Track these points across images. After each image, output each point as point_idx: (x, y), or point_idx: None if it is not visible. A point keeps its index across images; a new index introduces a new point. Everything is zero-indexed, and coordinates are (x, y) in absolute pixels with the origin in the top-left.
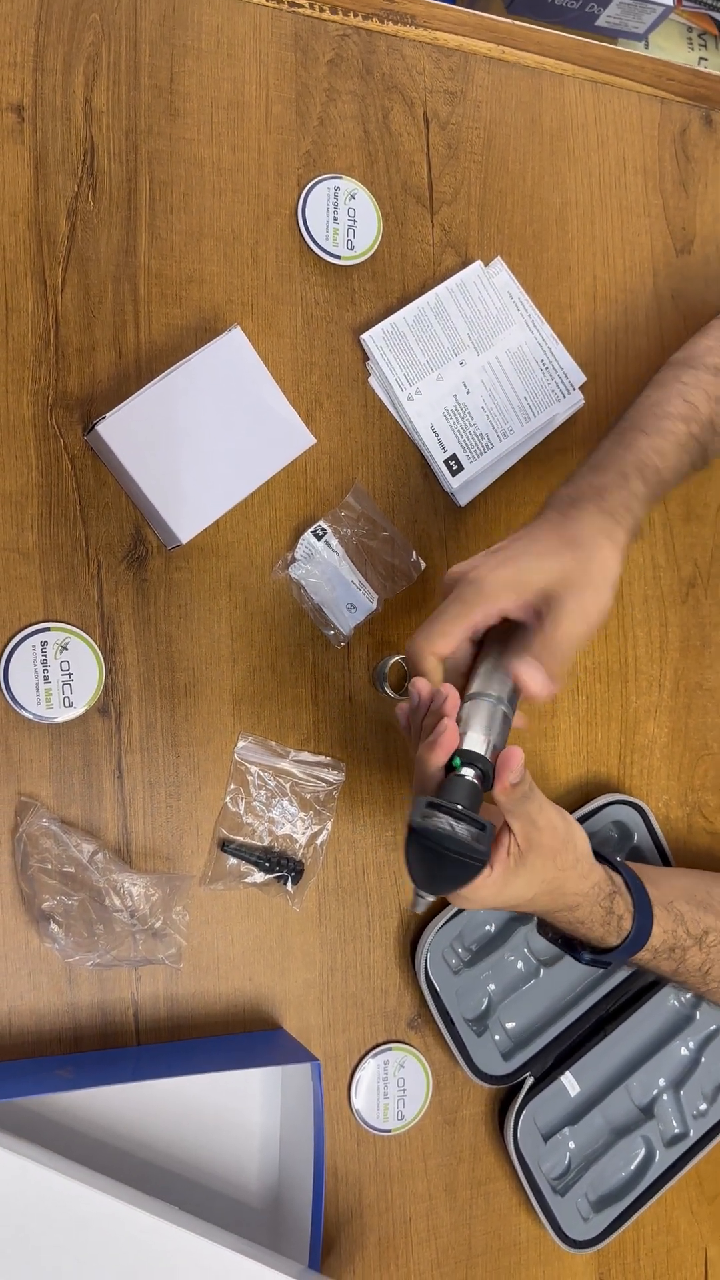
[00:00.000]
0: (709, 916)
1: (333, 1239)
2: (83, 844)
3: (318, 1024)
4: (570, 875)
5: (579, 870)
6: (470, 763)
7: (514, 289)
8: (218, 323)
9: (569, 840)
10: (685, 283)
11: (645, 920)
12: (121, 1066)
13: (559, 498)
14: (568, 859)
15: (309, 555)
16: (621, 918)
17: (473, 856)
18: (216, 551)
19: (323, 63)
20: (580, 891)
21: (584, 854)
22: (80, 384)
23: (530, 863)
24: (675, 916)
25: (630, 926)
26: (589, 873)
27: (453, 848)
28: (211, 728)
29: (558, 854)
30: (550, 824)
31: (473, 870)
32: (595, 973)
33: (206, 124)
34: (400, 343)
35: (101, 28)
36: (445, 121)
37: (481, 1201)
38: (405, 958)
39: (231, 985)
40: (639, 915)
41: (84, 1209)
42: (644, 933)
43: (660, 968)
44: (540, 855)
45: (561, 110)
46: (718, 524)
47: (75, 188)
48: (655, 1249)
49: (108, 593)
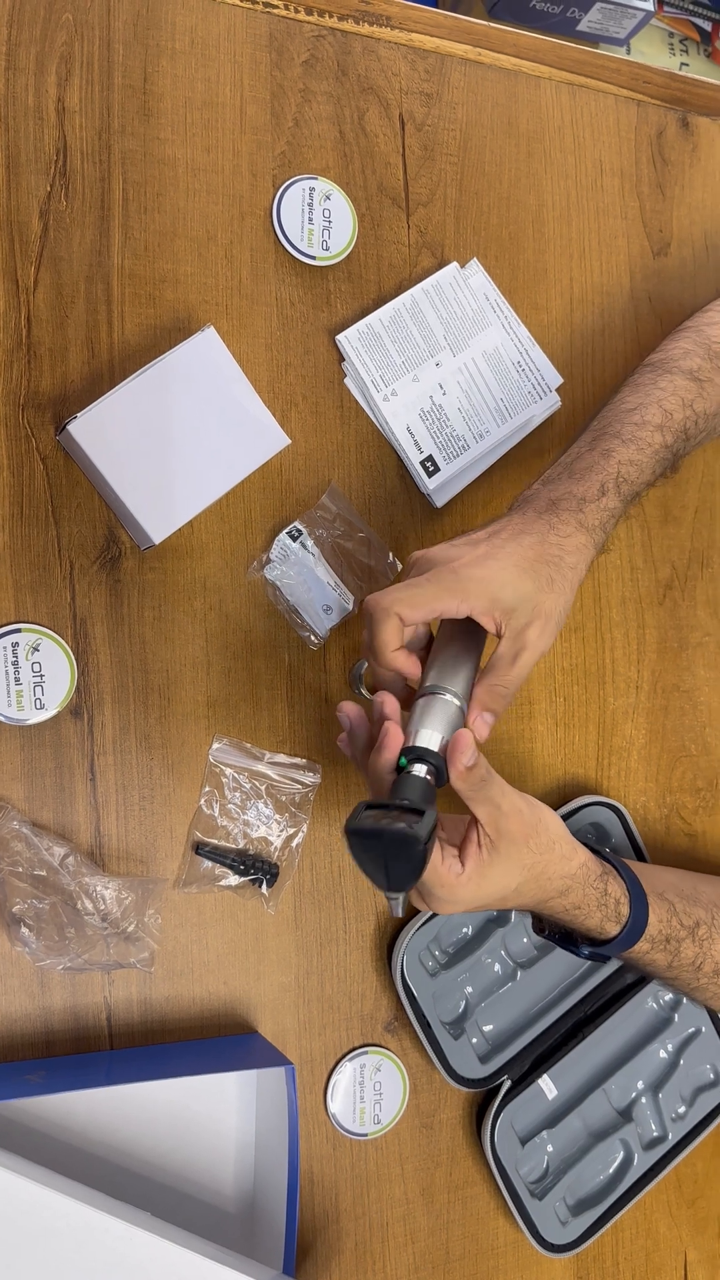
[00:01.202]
0: (698, 909)
1: (309, 1244)
2: (54, 847)
3: (293, 1028)
4: (550, 858)
5: (558, 851)
6: (419, 759)
7: (490, 291)
8: (192, 323)
9: (538, 823)
10: (662, 285)
11: (642, 905)
12: (94, 1071)
13: (539, 498)
14: (542, 841)
15: (284, 556)
16: (619, 901)
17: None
18: (190, 552)
19: (298, 64)
20: (566, 874)
21: (559, 835)
22: (52, 384)
23: (503, 850)
24: (668, 906)
25: (629, 912)
26: (570, 854)
27: (386, 835)
28: (185, 730)
29: (529, 837)
30: (515, 808)
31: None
32: (573, 975)
33: (180, 124)
34: (376, 344)
35: (74, 27)
36: (421, 123)
37: (459, 1206)
38: (382, 961)
39: (206, 989)
40: (635, 901)
41: (54, 1216)
42: (642, 918)
43: (655, 961)
44: (512, 841)
45: (538, 112)
46: (695, 527)
47: (48, 187)
48: (634, 1253)
49: (80, 594)
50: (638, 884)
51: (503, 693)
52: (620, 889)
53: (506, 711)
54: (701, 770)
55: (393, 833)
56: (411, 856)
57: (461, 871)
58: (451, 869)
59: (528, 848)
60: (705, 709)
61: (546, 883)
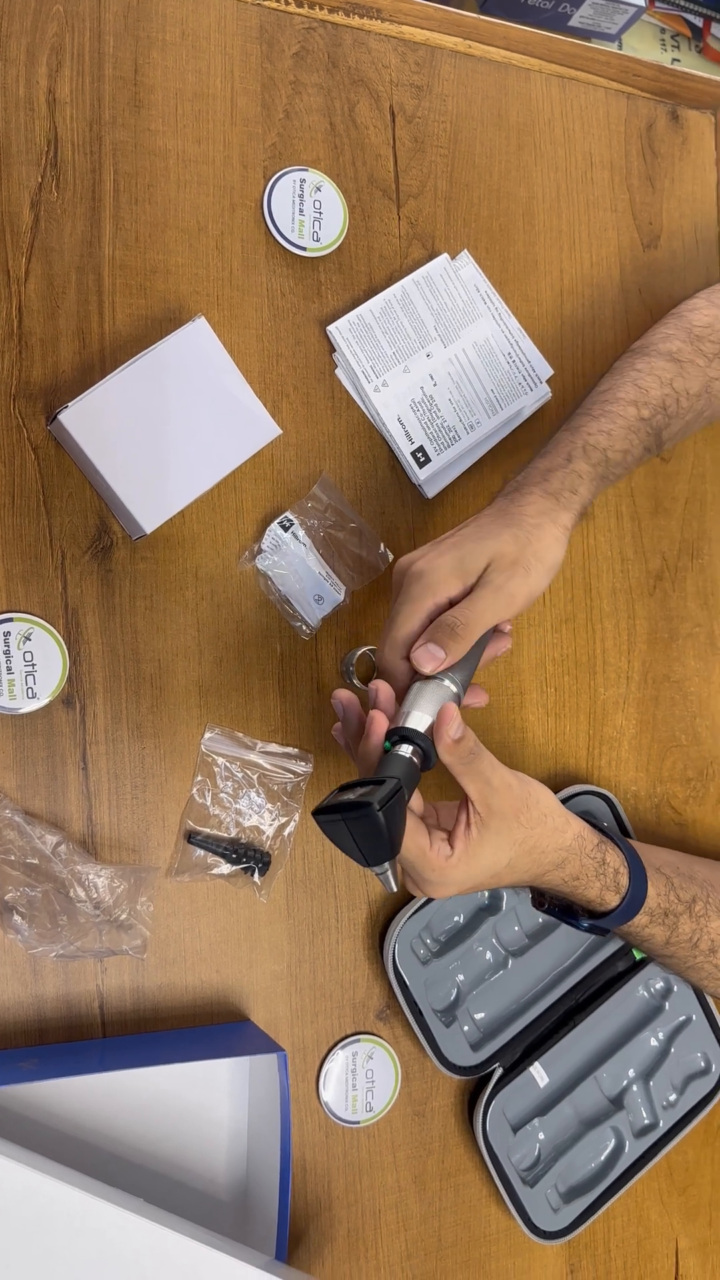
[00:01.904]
0: (694, 886)
1: (302, 1231)
2: (46, 835)
3: (285, 1016)
4: (542, 831)
5: (550, 824)
6: (404, 739)
7: (481, 282)
8: (183, 314)
9: (528, 797)
10: (652, 277)
11: (641, 877)
12: (87, 1058)
13: (507, 485)
14: (533, 815)
15: (276, 546)
16: (618, 871)
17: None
18: (182, 542)
19: (288, 56)
20: (561, 846)
21: (551, 808)
22: (44, 374)
23: (494, 827)
24: (666, 881)
25: (628, 882)
26: (564, 825)
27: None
28: (178, 719)
29: (520, 812)
30: (504, 783)
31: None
32: (565, 963)
33: (171, 116)
34: (367, 335)
35: (65, 19)
36: (411, 115)
37: (451, 1193)
38: (374, 949)
39: (199, 977)
40: (634, 872)
41: (48, 1203)
42: (641, 889)
43: (654, 936)
44: (502, 817)
45: (528, 105)
46: (685, 517)
47: (39, 178)
48: (626, 1240)
49: (71, 583)
50: (636, 857)
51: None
52: (618, 859)
53: (497, 702)
54: (692, 760)
55: (346, 805)
56: (372, 824)
57: (451, 854)
58: (440, 852)
59: (518, 822)
60: (695, 699)
61: (541, 856)
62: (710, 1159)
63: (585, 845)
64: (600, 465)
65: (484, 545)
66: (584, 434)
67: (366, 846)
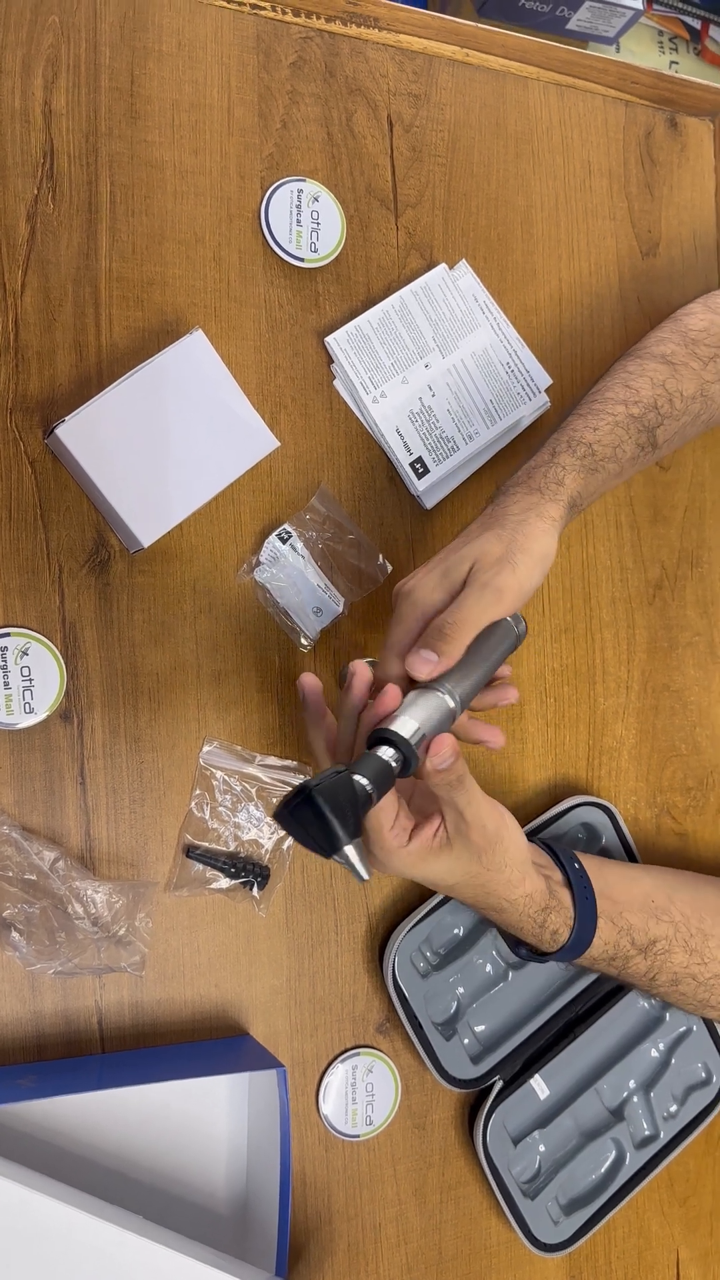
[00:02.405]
0: (661, 925)
1: (302, 1246)
2: (44, 851)
3: (285, 1030)
4: (494, 877)
5: (505, 876)
6: (387, 742)
7: (479, 292)
8: (180, 326)
9: (498, 842)
10: (651, 285)
11: (584, 936)
12: (85, 1074)
13: (497, 491)
14: (494, 860)
15: (274, 559)
16: (556, 932)
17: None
18: (180, 555)
19: (285, 65)
20: (506, 898)
21: (515, 861)
22: (40, 387)
23: (455, 852)
24: (621, 929)
25: (566, 941)
26: (518, 881)
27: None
28: (176, 733)
29: (483, 853)
30: (478, 821)
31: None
32: (564, 976)
33: (168, 126)
34: (365, 345)
35: (61, 30)
36: (409, 124)
37: (451, 1206)
38: (373, 962)
39: (198, 992)
40: (578, 931)
41: (46, 1220)
42: (580, 946)
43: (602, 970)
44: (465, 848)
45: (526, 113)
46: (684, 526)
47: (35, 190)
48: (627, 1251)
49: (69, 597)
50: (590, 910)
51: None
52: (563, 920)
53: (497, 712)
54: (692, 770)
55: (290, 795)
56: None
57: (405, 846)
58: (396, 839)
59: (478, 860)
60: (695, 708)
61: (485, 896)
62: (711, 1169)
63: (530, 907)
64: (586, 458)
65: (465, 551)
66: (569, 430)
67: (317, 834)
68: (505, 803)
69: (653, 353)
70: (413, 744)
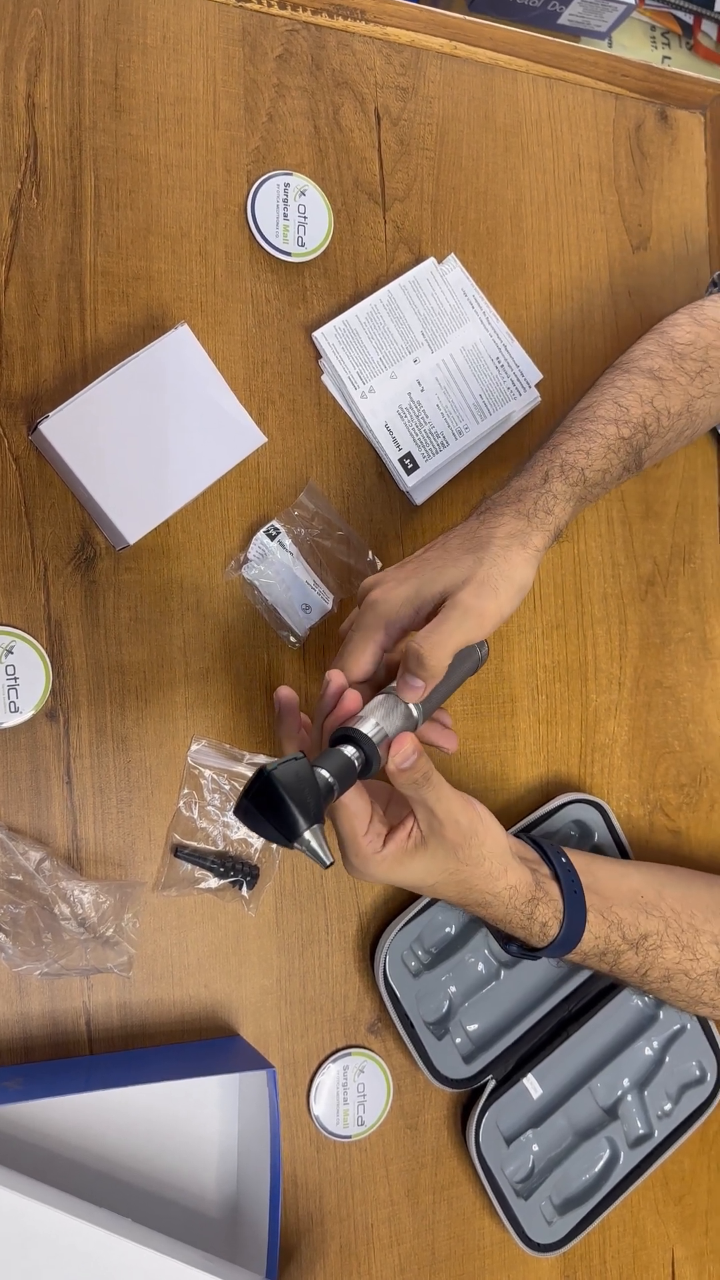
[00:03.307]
0: (652, 920)
1: (293, 1247)
2: (30, 851)
3: (275, 1030)
4: (474, 872)
5: (485, 869)
6: (346, 738)
7: (468, 286)
8: (166, 321)
9: (473, 835)
10: (641, 279)
11: (575, 930)
12: (73, 1076)
13: (483, 502)
14: (471, 854)
15: (262, 555)
16: (546, 924)
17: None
18: (167, 552)
19: (271, 58)
20: (489, 891)
21: (493, 853)
22: (24, 383)
23: (430, 850)
24: (612, 923)
25: (556, 934)
26: (500, 874)
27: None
28: (164, 731)
29: (459, 848)
30: (450, 817)
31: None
32: (557, 974)
33: (153, 120)
34: (353, 340)
35: (44, 22)
36: (397, 118)
37: (444, 1206)
38: (364, 962)
39: (187, 992)
40: (568, 925)
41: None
42: (571, 941)
43: (593, 967)
44: (440, 845)
45: (515, 106)
46: (676, 522)
47: (18, 185)
48: (621, 1251)
49: (54, 595)
50: (579, 903)
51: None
52: (552, 912)
53: (489, 710)
54: (685, 766)
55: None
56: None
57: (380, 851)
58: (371, 844)
59: (455, 856)
60: (688, 705)
61: (468, 892)
62: (706, 1167)
63: (516, 899)
64: (578, 485)
65: (442, 574)
66: (562, 452)
67: (276, 821)
68: (496, 800)
69: (641, 367)
70: (374, 742)
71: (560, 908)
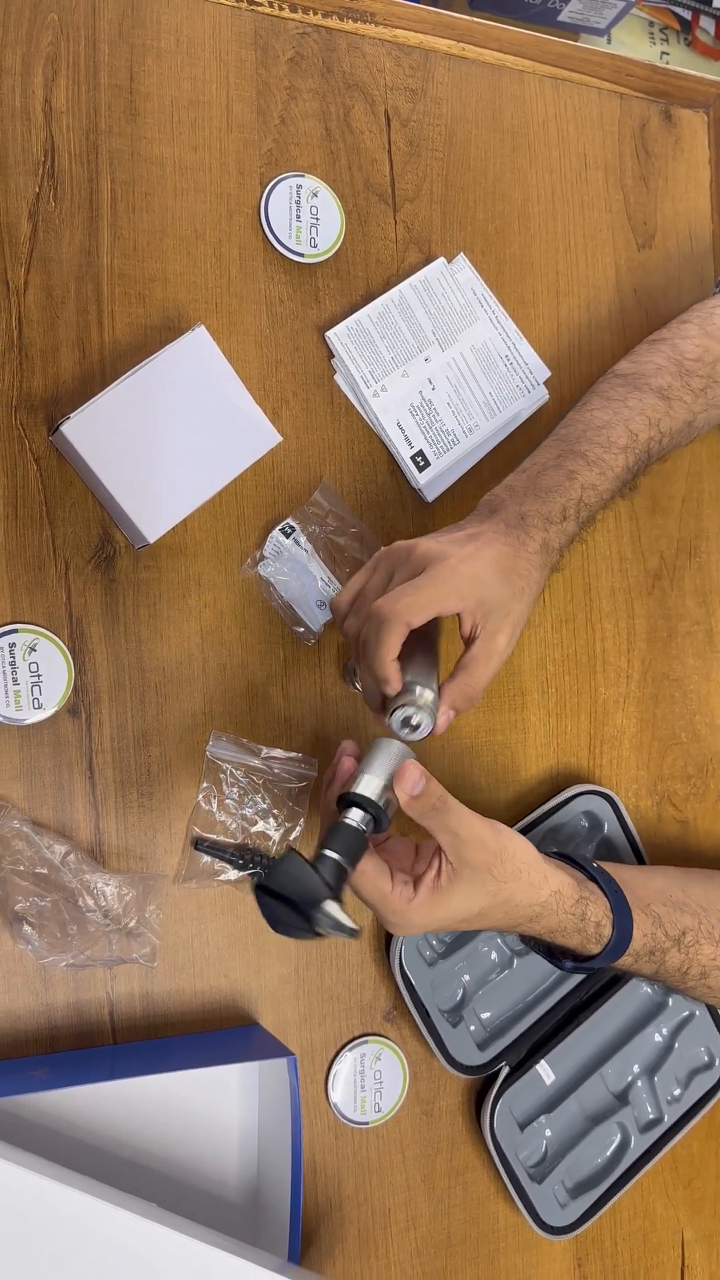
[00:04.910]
0: (685, 916)
1: (313, 1232)
2: (55, 845)
3: (294, 1019)
4: (516, 886)
5: (525, 880)
6: (354, 804)
7: (477, 285)
8: (182, 322)
9: (503, 851)
10: (647, 277)
11: (625, 925)
12: (98, 1066)
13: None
14: (506, 870)
15: (278, 553)
16: (600, 924)
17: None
18: (184, 551)
19: (283, 61)
20: (536, 901)
21: (528, 863)
22: (44, 385)
23: (465, 876)
24: (654, 919)
25: (610, 933)
26: (541, 882)
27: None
28: (183, 726)
29: (493, 866)
30: (476, 836)
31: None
32: None
33: (167, 123)
34: (365, 340)
35: (60, 28)
36: (406, 119)
37: (460, 1191)
38: (380, 951)
39: (207, 982)
40: (619, 920)
41: (62, 1208)
42: (625, 938)
43: (640, 970)
44: (473, 869)
45: (522, 107)
46: (683, 516)
47: (36, 188)
48: (632, 1233)
49: (75, 593)
50: (622, 901)
51: (472, 694)
52: (602, 910)
53: (499, 703)
54: (692, 757)
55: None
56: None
57: (414, 897)
58: (402, 895)
59: (491, 876)
60: (695, 697)
61: (515, 910)
62: (715, 1151)
63: (564, 902)
64: (585, 523)
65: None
66: (579, 485)
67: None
68: (508, 792)
69: (651, 385)
70: (375, 797)
71: (607, 905)
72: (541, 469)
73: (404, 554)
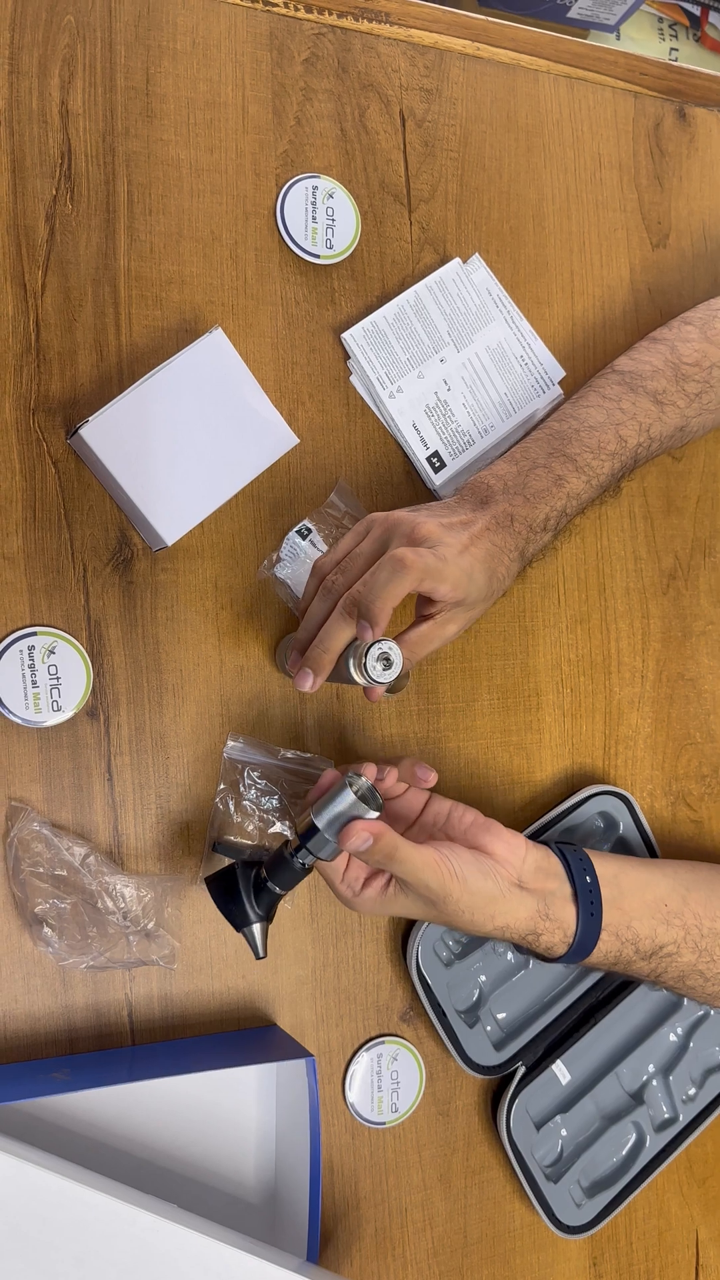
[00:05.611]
0: (672, 931)
1: (330, 1231)
2: (74, 847)
3: (311, 1020)
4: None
5: (467, 919)
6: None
7: (492, 285)
8: (199, 324)
9: (446, 897)
10: (661, 276)
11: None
12: (117, 1067)
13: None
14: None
15: (294, 555)
16: (551, 948)
17: None
18: (202, 553)
19: (298, 62)
20: (478, 931)
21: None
22: (62, 388)
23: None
24: (625, 940)
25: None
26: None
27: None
28: (200, 728)
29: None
30: (420, 884)
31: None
32: None
33: (183, 125)
34: (381, 341)
35: (76, 30)
36: (421, 119)
37: (476, 1190)
38: (396, 952)
39: (225, 983)
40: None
41: (83, 1209)
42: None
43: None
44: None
45: (537, 106)
46: (697, 516)
47: (53, 191)
48: (647, 1232)
49: (94, 596)
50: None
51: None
52: (559, 938)
53: (514, 703)
54: (707, 757)
55: None
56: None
57: (358, 894)
58: (347, 888)
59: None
60: (710, 697)
61: (469, 926)
62: None
63: (509, 934)
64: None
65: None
66: (565, 494)
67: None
68: (523, 793)
69: (647, 388)
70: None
71: (570, 932)
72: (531, 466)
73: (405, 529)
